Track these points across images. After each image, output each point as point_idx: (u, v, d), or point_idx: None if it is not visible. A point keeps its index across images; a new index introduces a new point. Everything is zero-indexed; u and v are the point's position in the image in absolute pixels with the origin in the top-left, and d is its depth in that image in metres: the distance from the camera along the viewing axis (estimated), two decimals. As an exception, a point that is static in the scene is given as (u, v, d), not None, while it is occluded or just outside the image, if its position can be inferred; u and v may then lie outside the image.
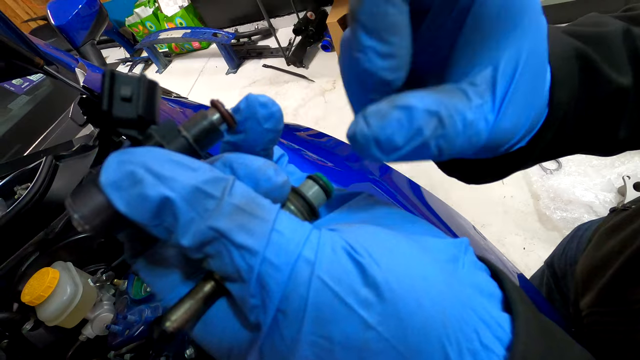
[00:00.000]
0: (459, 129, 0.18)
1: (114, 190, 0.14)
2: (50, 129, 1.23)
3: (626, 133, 0.26)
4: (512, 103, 0.19)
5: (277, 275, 0.14)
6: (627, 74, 0.24)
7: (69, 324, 0.78)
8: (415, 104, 0.17)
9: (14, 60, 0.87)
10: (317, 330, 0.14)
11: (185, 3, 3.76)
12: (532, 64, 0.19)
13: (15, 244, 0.88)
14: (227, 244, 0.14)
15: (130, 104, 0.15)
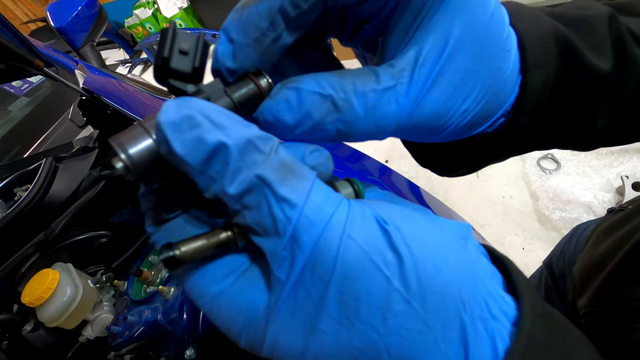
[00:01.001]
0: (359, 113, 0.18)
1: (173, 131, 0.14)
2: (50, 131, 1.23)
3: (604, 124, 0.25)
4: (440, 84, 0.18)
5: (311, 230, 0.15)
6: (608, 59, 0.23)
7: (69, 325, 0.79)
8: (304, 87, 0.17)
9: (13, 62, 0.88)
10: (344, 288, 0.15)
11: (185, 4, 3.76)
12: (470, 41, 0.18)
13: (15, 246, 0.88)
14: (268, 195, 0.15)
15: (187, 58, 0.16)
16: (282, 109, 0.17)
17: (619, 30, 0.23)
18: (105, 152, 1.11)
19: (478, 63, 0.19)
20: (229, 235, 0.17)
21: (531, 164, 1.75)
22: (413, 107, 0.19)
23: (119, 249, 0.98)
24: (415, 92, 0.18)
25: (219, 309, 0.17)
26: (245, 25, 0.17)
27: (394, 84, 0.18)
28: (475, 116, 0.21)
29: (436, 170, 0.31)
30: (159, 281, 0.78)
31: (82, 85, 1.01)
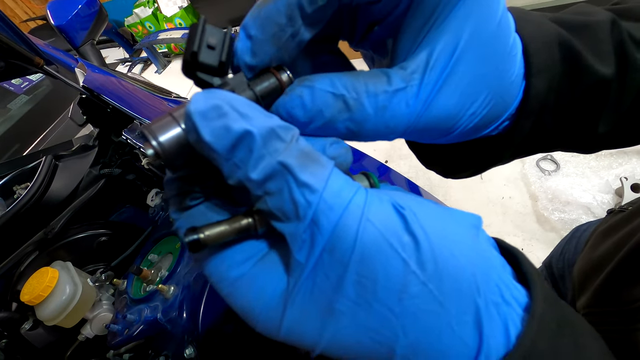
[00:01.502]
0: (369, 113, 0.18)
1: (202, 119, 0.15)
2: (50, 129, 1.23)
3: (606, 128, 0.25)
4: (449, 86, 0.19)
5: (330, 214, 0.15)
6: (610, 64, 0.23)
7: (68, 324, 0.78)
8: (317, 85, 0.18)
9: (13, 60, 0.87)
10: (362, 270, 0.15)
11: (185, 3, 3.76)
12: (479, 45, 0.19)
13: (14, 244, 0.88)
14: (290, 181, 0.15)
15: (214, 52, 0.17)
16: (295, 105, 0.18)
17: (620, 35, 0.23)
18: (105, 150, 1.11)
19: (486, 67, 0.20)
20: (250, 221, 0.18)
21: (530, 165, 1.75)
22: (423, 109, 0.19)
23: (118, 248, 0.97)
24: (425, 95, 0.19)
25: (237, 293, 0.18)
26: (264, 22, 0.17)
27: (404, 86, 0.18)
28: (483, 119, 0.21)
29: (441, 172, 0.31)
30: (159, 280, 0.77)
31: (82, 84, 1.01)
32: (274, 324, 0.17)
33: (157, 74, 4.09)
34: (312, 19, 0.18)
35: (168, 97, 1.05)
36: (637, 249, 0.39)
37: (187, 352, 0.64)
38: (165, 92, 1.16)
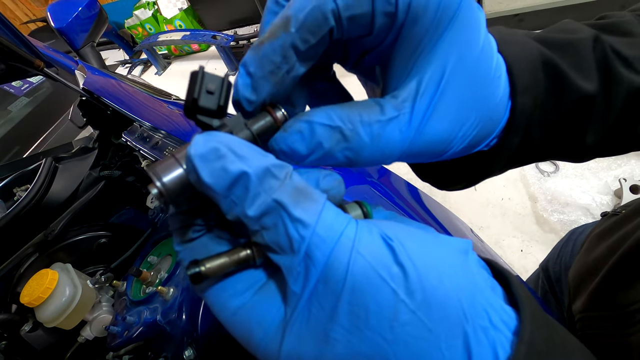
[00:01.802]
0: (365, 142, 0.19)
1: (201, 162, 0.16)
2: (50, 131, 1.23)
3: (594, 139, 0.26)
4: (439, 112, 0.20)
5: (323, 247, 0.16)
6: (593, 80, 0.24)
7: (68, 326, 0.79)
8: (315, 119, 0.19)
9: (14, 62, 0.88)
10: (354, 300, 0.16)
11: (185, 5, 3.77)
12: (464, 71, 0.20)
13: (14, 246, 0.88)
14: (284, 216, 0.17)
15: (213, 97, 0.18)
16: (295, 140, 0.20)
17: (604, 51, 0.24)
18: (104, 152, 1.11)
19: (472, 91, 0.21)
20: (249, 253, 0.19)
21: (530, 167, 1.76)
22: (415, 135, 0.20)
23: (118, 250, 0.98)
24: (417, 122, 0.20)
25: (238, 322, 0.19)
26: (262, 60, 0.19)
27: (397, 115, 0.20)
28: (473, 139, 0.22)
29: (435, 185, 0.32)
30: (158, 282, 0.78)
31: (82, 86, 1.01)
32: (273, 352, 0.18)
33: (157, 76, 4.10)
34: (305, 56, 0.19)
35: (168, 100, 1.05)
36: (630, 252, 0.39)
37: (187, 354, 0.64)
38: (165, 94, 1.17)
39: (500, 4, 2.27)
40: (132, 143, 0.92)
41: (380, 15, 0.19)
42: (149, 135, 0.90)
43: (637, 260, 0.38)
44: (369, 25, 0.19)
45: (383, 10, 0.18)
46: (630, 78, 0.24)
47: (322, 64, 0.24)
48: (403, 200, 0.74)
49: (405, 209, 0.69)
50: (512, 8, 2.23)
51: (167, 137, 0.86)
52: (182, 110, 0.93)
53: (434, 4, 0.19)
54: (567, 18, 0.29)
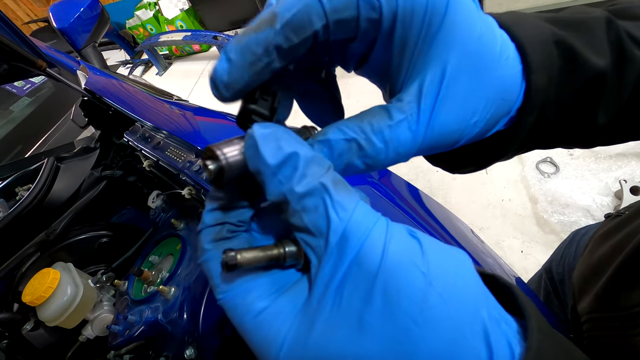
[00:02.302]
0: (380, 147, 0.21)
1: (261, 139, 0.18)
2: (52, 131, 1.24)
3: (605, 119, 0.26)
4: (446, 106, 0.21)
5: (359, 231, 0.17)
6: (606, 57, 0.24)
7: (69, 325, 0.79)
8: (331, 137, 0.21)
9: (16, 62, 0.88)
10: (388, 283, 0.17)
11: (186, 6, 3.78)
12: (466, 63, 0.21)
13: (16, 245, 0.88)
14: (326, 198, 0.18)
15: (267, 103, 0.22)
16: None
17: (618, 32, 0.25)
18: (106, 152, 1.12)
19: (477, 80, 0.21)
20: (280, 252, 0.20)
21: (530, 168, 1.76)
22: (427, 131, 0.21)
23: (119, 249, 0.98)
24: (425, 119, 0.21)
25: (262, 323, 0.19)
26: (244, 49, 0.19)
27: (404, 117, 0.21)
28: (486, 124, 0.23)
29: (447, 169, 0.32)
30: (159, 281, 0.78)
31: (84, 86, 1.02)
32: (299, 344, 0.18)
33: (158, 76, 4.11)
34: (286, 53, 0.20)
35: (169, 100, 1.05)
36: (634, 253, 0.39)
37: (188, 353, 0.65)
38: (167, 95, 1.17)
39: (500, 5, 2.28)
40: (133, 143, 0.92)
41: (365, 21, 0.20)
42: (151, 135, 0.90)
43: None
44: (354, 29, 0.20)
45: (367, 16, 0.19)
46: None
47: (312, 66, 0.25)
48: (403, 201, 0.74)
49: (405, 209, 0.69)
50: (512, 9, 2.23)
51: (169, 137, 0.86)
52: (183, 111, 0.94)
53: (421, 9, 0.19)
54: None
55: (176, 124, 0.86)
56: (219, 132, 0.79)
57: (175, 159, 0.79)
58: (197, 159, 0.75)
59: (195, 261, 0.75)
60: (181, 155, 0.79)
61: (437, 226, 0.70)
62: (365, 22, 0.20)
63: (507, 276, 0.63)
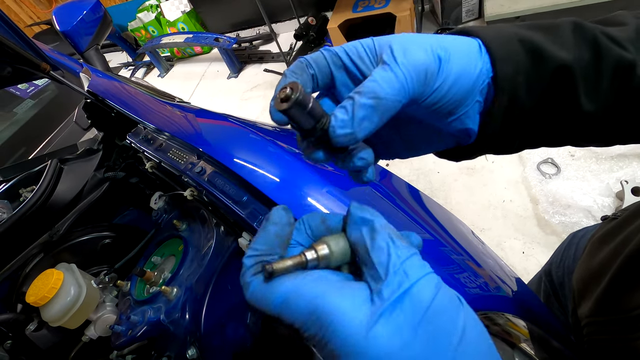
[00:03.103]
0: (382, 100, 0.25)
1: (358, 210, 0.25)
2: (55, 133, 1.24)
3: (591, 106, 0.28)
4: (403, 55, 0.25)
5: (419, 270, 0.22)
6: (570, 51, 0.28)
7: (73, 325, 0.79)
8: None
9: (21, 65, 0.89)
10: (433, 319, 0.20)
11: (188, 8, 3.79)
12: (405, 40, 0.26)
13: (20, 246, 0.89)
14: (390, 245, 0.23)
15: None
16: (340, 116, 0.26)
17: (592, 32, 0.28)
18: (109, 154, 1.12)
19: (416, 40, 0.27)
20: (302, 260, 0.25)
21: (531, 168, 1.76)
22: (401, 69, 0.25)
23: (122, 250, 0.99)
24: (392, 61, 0.25)
25: (324, 303, 0.22)
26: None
27: (379, 69, 0.26)
28: (449, 77, 0.26)
29: (450, 158, 0.36)
30: (162, 282, 0.79)
31: (87, 88, 1.02)
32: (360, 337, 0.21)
33: (160, 78, 4.12)
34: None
35: (171, 102, 1.06)
36: (633, 256, 0.39)
37: (190, 353, 0.65)
38: (169, 97, 1.18)
39: (501, 6, 2.28)
40: (136, 145, 0.93)
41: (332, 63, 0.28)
42: (153, 137, 0.91)
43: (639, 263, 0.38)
44: (330, 76, 0.28)
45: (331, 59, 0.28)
46: (619, 52, 0.27)
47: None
48: (404, 202, 0.75)
49: (406, 211, 0.69)
50: (513, 11, 2.23)
51: (171, 139, 0.87)
52: (184, 112, 0.95)
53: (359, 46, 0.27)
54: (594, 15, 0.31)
55: (178, 126, 0.87)
56: (220, 134, 0.79)
57: (177, 161, 0.79)
58: (199, 161, 0.76)
59: (197, 261, 0.76)
60: (183, 156, 0.79)
61: (438, 227, 0.70)
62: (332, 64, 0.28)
63: (508, 277, 0.63)
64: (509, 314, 0.49)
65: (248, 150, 0.69)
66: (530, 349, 0.43)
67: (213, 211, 0.79)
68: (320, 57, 0.28)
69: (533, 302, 0.61)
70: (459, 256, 0.58)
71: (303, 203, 0.57)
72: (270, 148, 0.69)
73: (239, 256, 0.74)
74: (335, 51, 0.28)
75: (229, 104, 3.26)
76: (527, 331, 0.47)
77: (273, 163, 0.64)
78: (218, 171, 0.71)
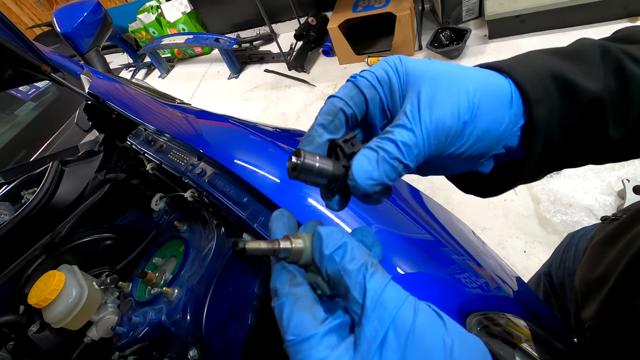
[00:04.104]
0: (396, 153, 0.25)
1: (327, 236, 0.25)
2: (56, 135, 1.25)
3: (619, 134, 0.28)
4: (428, 108, 0.25)
5: (395, 299, 0.22)
6: (600, 81, 0.27)
7: (74, 326, 0.80)
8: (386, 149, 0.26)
9: (21, 68, 0.89)
10: (417, 343, 0.21)
11: (188, 9, 3.80)
12: (433, 84, 0.26)
13: (22, 248, 0.89)
14: (367, 275, 0.23)
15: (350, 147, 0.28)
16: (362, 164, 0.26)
17: (617, 57, 0.28)
18: (110, 155, 1.13)
19: (446, 87, 0.26)
20: (276, 247, 0.25)
21: (532, 168, 1.76)
22: (421, 128, 0.25)
23: (123, 251, 0.99)
24: (416, 120, 0.25)
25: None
26: (307, 136, 0.28)
27: (401, 123, 0.25)
28: (478, 126, 0.26)
29: (477, 194, 0.37)
30: (163, 283, 0.79)
31: (88, 90, 1.03)
32: None
33: (161, 79, 4.13)
34: (329, 129, 0.28)
35: (172, 103, 1.06)
36: (637, 258, 0.39)
37: (191, 354, 0.65)
38: (169, 98, 1.18)
39: (501, 5, 2.28)
40: (136, 146, 0.93)
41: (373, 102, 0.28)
42: (154, 139, 0.91)
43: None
44: (365, 109, 0.28)
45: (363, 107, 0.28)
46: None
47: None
48: (405, 202, 0.75)
49: (407, 211, 0.69)
50: (513, 9, 2.23)
51: (171, 141, 0.87)
52: (185, 114, 0.95)
53: (392, 73, 0.27)
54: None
55: (178, 127, 0.87)
56: (220, 135, 0.80)
57: (178, 162, 0.79)
58: (200, 162, 0.76)
59: (198, 263, 0.76)
60: (184, 158, 0.80)
61: (439, 228, 0.70)
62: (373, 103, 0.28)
63: (509, 277, 0.63)
64: (510, 314, 0.49)
65: (248, 152, 0.69)
66: (531, 349, 0.43)
67: (214, 212, 0.79)
68: (357, 95, 0.27)
69: (534, 302, 0.61)
70: (459, 256, 0.58)
71: (303, 204, 0.57)
72: (270, 149, 0.69)
73: (240, 257, 0.74)
74: (372, 83, 0.27)
75: (230, 104, 3.26)
76: (529, 331, 0.47)
77: (273, 164, 0.64)
78: (218, 172, 0.71)
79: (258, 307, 0.69)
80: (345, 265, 0.23)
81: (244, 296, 0.69)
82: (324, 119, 0.28)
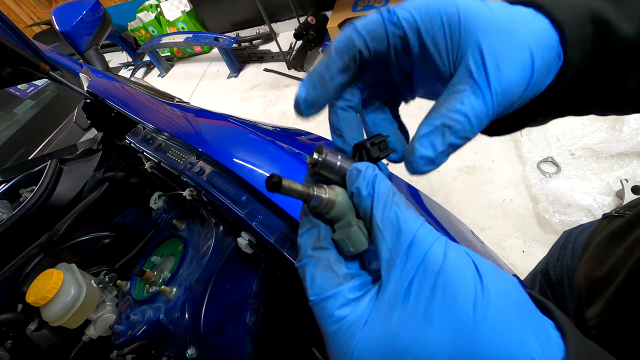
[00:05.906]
0: (463, 120, 0.23)
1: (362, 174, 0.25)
2: (55, 133, 1.25)
3: (636, 82, 0.27)
4: (496, 68, 0.23)
5: (426, 240, 0.22)
6: (636, 25, 0.26)
7: (73, 325, 0.80)
8: (422, 132, 0.25)
9: (21, 66, 0.89)
10: (448, 282, 0.20)
11: (187, 8, 3.79)
12: (495, 38, 0.24)
13: (20, 246, 0.89)
14: (399, 215, 0.23)
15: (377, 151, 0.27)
16: (427, 149, 0.25)
17: None
18: (108, 154, 1.13)
19: (509, 42, 0.24)
20: (310, 192, 0.24)
21: (531, 167, 1.76)
22: (491, 91, 0.23)
23: (121, 250, 0.99)
24: (484, 83, 0.23)
25: (341, 327, 0.23)
26: (313, 75, 0.27)
27: (468, 88, 0.23)
28: (537, 77, 0.25)
29: (485, 133, 0.34)
30: (161, 281, 0.79)
31: (87, 89, 1.03)
32: (373, 337, 0.21)
33: (160, 78, 4.12)
34: (342, 69, 0.26)
35: (171, 102, 1.06)
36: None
37: (189, 352, 0.65)
38: (168, 97, 1.18)
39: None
40: (135, 145, 0.93)
41: (393, 37, 0.25)
42: (152, 137, 0.91)
43: None
44: (386, 44, 0.25)
45: (393, 32, 0.25)
46: None
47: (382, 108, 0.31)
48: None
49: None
50: (513, 9, 2.23)
51: (170, 139, 0.87)
52: (184, 113, 0.95)
53: (439, 21, 0.23)
54: None
55: (177, 126, 0.87)
56: (219, 134, 0.80)
57: (176, 161, 0.79)
58: (198, 161, 0.76)
59: (196, 261, 0.76)
60: (182, 156, 0.79)
61: (438, 227, 0.70)
62: (393, 38, 0.25)
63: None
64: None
65: (247, 150, 0.69)
66: None
67: (212, 211, 0.79)
68: (380, 27, 0.25)
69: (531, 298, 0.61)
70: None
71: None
72: (269, 148, 0.69)
73: (238, 256, 0.74)
74: (401, 23, 0.24)
75: (229, 103, 3.26)
76: None
77: (272, 163, 0.64)
78: (217, 171, 0.71)
79: (256, 305, 0.69)
80: (379, 201, 0.23)
81: (242, 295, 0.69)
82: (335, 60, 0.26)
